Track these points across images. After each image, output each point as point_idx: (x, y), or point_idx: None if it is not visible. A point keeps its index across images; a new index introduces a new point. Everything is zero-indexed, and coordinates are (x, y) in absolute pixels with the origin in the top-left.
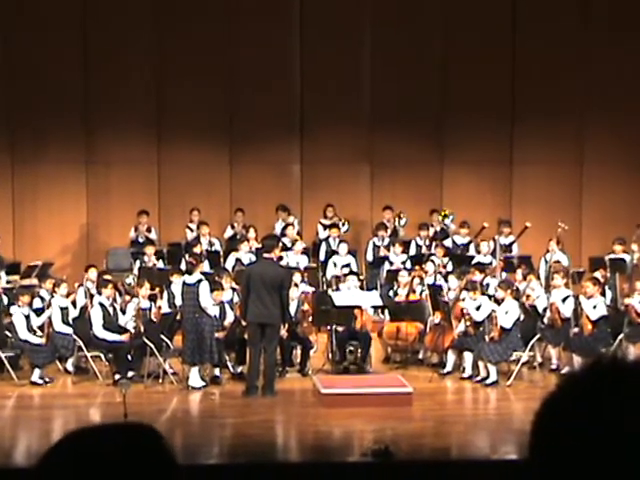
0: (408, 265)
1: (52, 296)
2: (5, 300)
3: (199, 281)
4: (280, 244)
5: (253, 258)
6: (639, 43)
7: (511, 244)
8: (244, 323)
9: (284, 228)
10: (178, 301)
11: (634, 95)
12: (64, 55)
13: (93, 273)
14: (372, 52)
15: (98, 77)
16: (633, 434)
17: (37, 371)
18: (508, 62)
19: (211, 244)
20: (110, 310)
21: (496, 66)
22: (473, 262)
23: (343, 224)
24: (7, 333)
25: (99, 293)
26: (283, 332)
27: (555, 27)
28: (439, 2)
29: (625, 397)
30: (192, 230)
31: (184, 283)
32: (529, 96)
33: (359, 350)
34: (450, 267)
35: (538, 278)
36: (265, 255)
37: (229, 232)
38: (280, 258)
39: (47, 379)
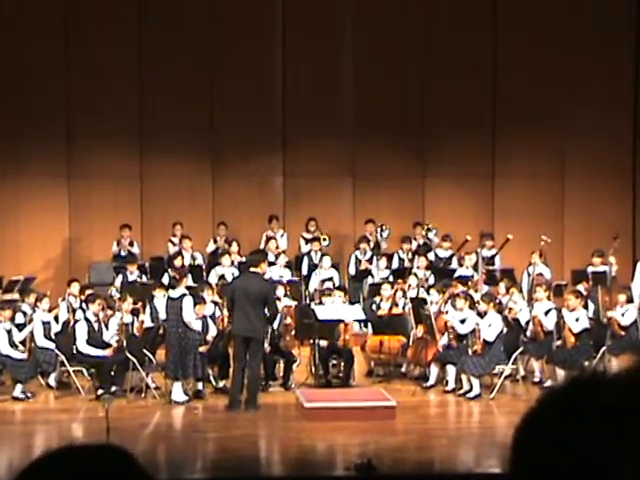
0: (391, 278)
1: (34, 311)
2: None
3: (183, 296)
4: (266, 258)
5: (236, 272)
6: (620, 58)
7: (493, 257)
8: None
9: (267, 241)
10: (161, 315)
11: (615, 109)
12: (46, 69)
13: (75, 287)
14: (355, 65)
15: (80, 91)
16: (612, 449)
17: (19, 386)
18: (490, 76)
19: (193, 258)
20: (95, 325)
21: (478, 80)
22: (455, 275)
23: (324, 239)
24: None
25: (85, 308)
26: (267, 346)
27: (537, 41)
28: (420, 17)
29: (604, 412)
30: (174, 244)
31: (168, 297)
32: (511, 109)
33: (342, 364)
34: (432, 280)
35: (521, 291)
36: (251, 269)
37: (211, 246)
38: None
39: (29, 394)
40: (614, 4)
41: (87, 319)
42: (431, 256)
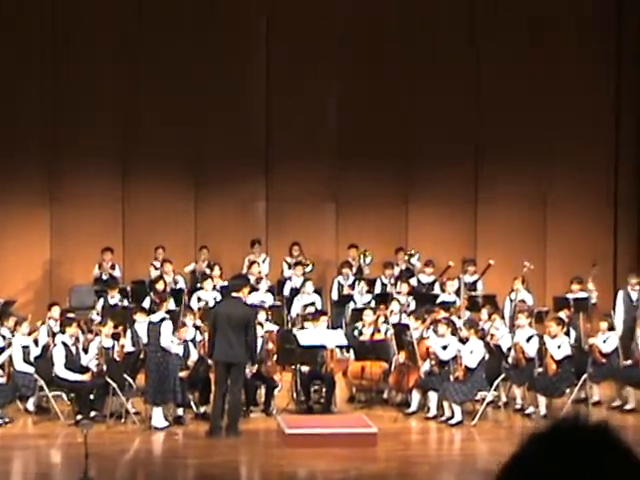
0: (373, 304)
1: (13, 334)
2: None
3: (162, 320)
4: (248, 283)
5: (218, 296)
6: (602, 87)
7: (475, 282)
8: (210, 362)
9: (249, 266)
10: (142, 340)
11: (597, 137)
12: (29, 91)
13: (56, 311)
14: (340, 90)
15: (64, 114)
16: None
17: None
18: (474, 104)
19: (175, 282)
20: (73, 349)
21: (462, 108)
22: (437, 301)
23: (307, 265)
24: None
25: (63, 332)
26: (248, 372)
27: (520, 70)
28: (405, 46)
29: (582, 464)
30: (156, 268)
31: (149, 322)
32: (494, 136)
33: (323, 389)
34: (413, 306)
35: (503, 317)
36: (233, 294)
37: (190, 266)
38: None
39: (7, 419)
40: (598, 36)
41: (64, 343)
42: (413, 282)
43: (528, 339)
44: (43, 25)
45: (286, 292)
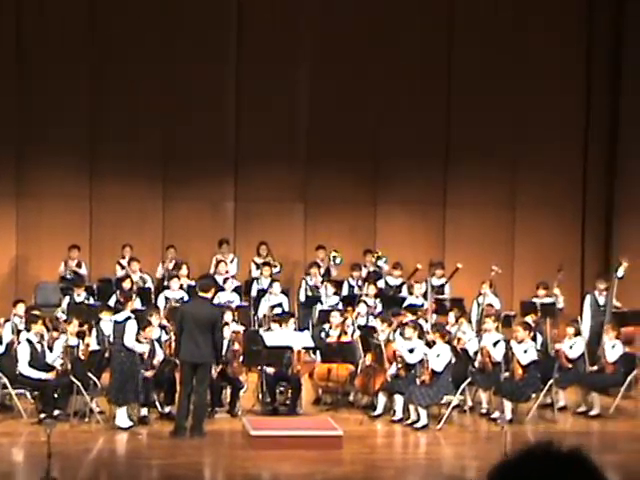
0: (340, 306)
1: None
2: None
3: (127, 319)
4: (216, 284)
5: (185, 296)
6: (572, 90)
7: (442, 286)
8: (177, 361)
9: (217, 265)
10: (108, 338)
11: (566, 141)
12: None
13: (21, 308)
14: (309, 92)
15: (31, 110)
16: None
17: None
18: (443, 106)
19: (143, 280)
20: (38, 347)
21: (431, 111)
22: (405, 304)
23: (275, 266)
24: None
25: (28, 329)
26: (214, 372)
27: (489, 73)
28: (375, 47)
29: None
30: (123, 266)
31: (114, 321)
32: (463, 140)
33: (289, 391)
34: (380, 308)
35: (470, 321)
36: (201, 294)
37: (160, 271)
38: (213, 297)
39: None
40: (566, 37)
41: (29, 340)
42: (381, 284)
43: (495, 343)
44: (8, 24)
45: (253, 293)
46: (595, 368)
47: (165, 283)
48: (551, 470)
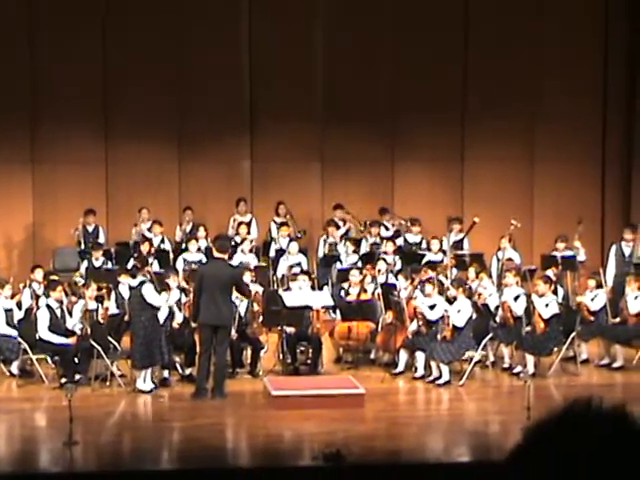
0: (359, 264)
1: None
2: None
3: (142, 283)
4: (233, 244)
5: (203, 257)
6: (589, 42)
7: (461, 241)
8: (194, 325)
9: (237, 227)
10: (126, 302)
11: (585, 94)
12: (10, 55)
13: (39, 274)
14: (324, 49)
15: (44, 76)
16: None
17: None
18: (460, 60)
19: (163, 242)
20: (57, 312)
21: (448, 64)
22: (424, 260)
23: (298, 233)
24: None
25: (47, 295)
26: (234, 333)
27: (508, 24)
28: (390, 2)
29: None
30: (139, 229)
31: (130, 286)
32: (480, 94)
33: (310, 351)
34: (399, 265)
35: (490, 276)
36: (218, 255)
37: (178, 235)
38: (231, 258)
39: None
40: None
41: (49, 306)
42: (400, 241)
43: (516, 298)
44: None
45: (272, 253)
46: (617, 320)
47: (183, 246)
48: (594, 430)
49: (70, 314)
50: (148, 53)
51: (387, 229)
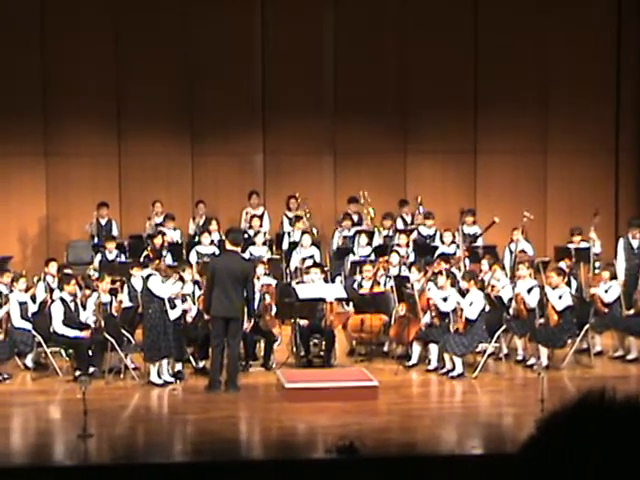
0: (372, 256)
1: (10, 291)
2: None
3: (149, 275)
4: (245, 236)
5: (216, 250)
6: (602, 33)
7: (475, 237)
8: (207, 317)
9: (250, 220)
10: (139, 294)
11: (598, 86)
12: (23, 46)
13: (53, 267)
14: (335, 42)
15: (57, 68)
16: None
17: None
18: (471, 52)
19: (177, 237)
20: (71, 305)
21: (460, 56)
22: (437, 253)
23: (313, 234)
24: None
25: (61, 288)
26: (247, 326)
27: (518, 17)
28: None
29: (611, 445)
30: (152, 222)
31: (142, 278)
32: (493, 85)
33: (323, 343)
34: (412, 258)
35: (503, 268)
36: (231, 248)
37: (192, 228)
38: (244, 250)
39: (5, 375)
40: None
41: (63, 299)
42: (414, 234)
43: (529, 290)
44: None
45: (285, 246)
46: (631, 312)
47: (196, 239)
48: (608, 422)
49: (84, 307)
50: (160, 47)
51: (406, 223)
